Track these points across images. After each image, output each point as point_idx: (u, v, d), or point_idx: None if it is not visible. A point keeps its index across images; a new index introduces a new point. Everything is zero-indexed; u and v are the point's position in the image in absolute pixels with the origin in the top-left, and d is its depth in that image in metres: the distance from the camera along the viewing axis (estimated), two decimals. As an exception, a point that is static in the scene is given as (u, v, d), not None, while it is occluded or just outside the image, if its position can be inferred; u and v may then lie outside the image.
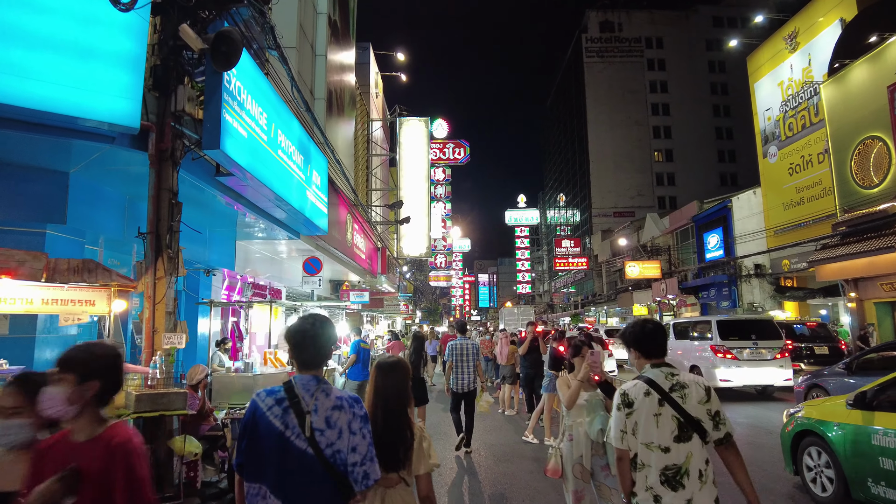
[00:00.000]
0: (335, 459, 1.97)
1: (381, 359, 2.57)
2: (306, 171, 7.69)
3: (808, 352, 13.70)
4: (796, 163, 22.34)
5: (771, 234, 23.86)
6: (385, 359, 2.55)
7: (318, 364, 2.12)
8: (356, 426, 2.02)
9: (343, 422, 2.01)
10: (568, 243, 50.78)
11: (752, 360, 11.70)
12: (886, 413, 4.55)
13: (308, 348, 2.09)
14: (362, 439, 2.02)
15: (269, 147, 6.19)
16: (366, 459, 2.01)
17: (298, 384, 2.04)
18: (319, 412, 2.00)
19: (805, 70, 21.96)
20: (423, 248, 19.89)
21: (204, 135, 4.86)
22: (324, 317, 2.20)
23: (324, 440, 1.97)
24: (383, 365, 2.49)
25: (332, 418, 2.00)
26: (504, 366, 10.71)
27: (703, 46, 57.45)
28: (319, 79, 11.88)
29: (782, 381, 11.54)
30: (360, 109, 19.61)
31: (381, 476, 2.17)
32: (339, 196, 10.89)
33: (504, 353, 10.70)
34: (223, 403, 6.11)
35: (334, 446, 1.98)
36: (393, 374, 2.45)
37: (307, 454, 1.95)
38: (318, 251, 9.97)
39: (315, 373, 2.10)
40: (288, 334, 2.16)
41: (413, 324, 30.08)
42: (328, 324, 2.17)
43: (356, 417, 2.04)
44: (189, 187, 5.82)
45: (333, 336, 2.21)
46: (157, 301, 4.39)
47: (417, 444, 2.37)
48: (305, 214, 7.58)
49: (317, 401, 2.01)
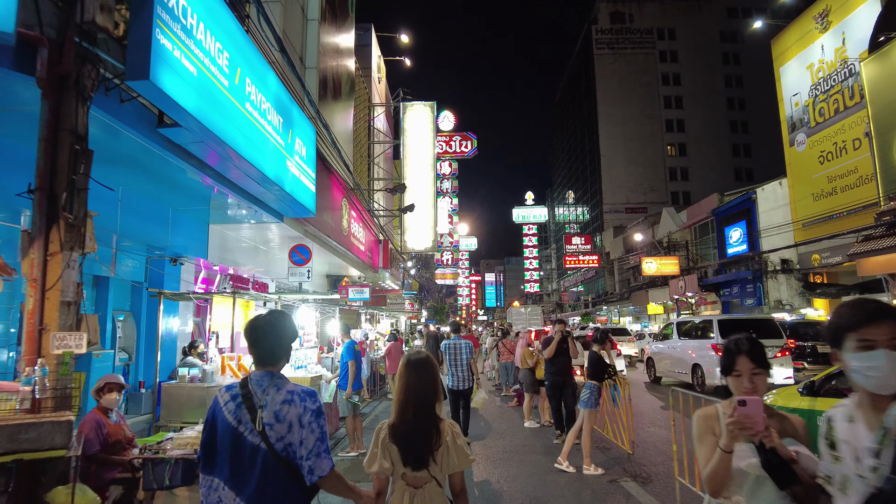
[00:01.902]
0: (287, 453, 1.99)
1: (410, 355, 2.48)
2: (286, 137, 6.38)
3: (811, 350, 13.63)
4: (828, 150, 20.85)
5: (798, 228, 22.39)
6: (414, 354, 2.48)
7: (274, 360, 2.13)
8: (306, 420, 2.01)
9: (293, 415, 2.01)
10: (578, 240, 49.29)
11: None
12: (828, 399, 5.38)
13: (263, 344, 2.11)
14: (311, 433, 2.01)
15: (232, 96, 4.88)
16: (312, 454, 1.99)
17: (253, 380, 2.08)
18: (269, 407, 2.01)
19: (838, 50, 20.45)
20: (429, 242, 18.54)
21: (128, 59, 3.56)
22: (281, 312, 2.22)
23: (273, 434, 1.98)
24: (413, 361, 2.42)
25: (281, 412, 2.00)
26: (521, 370, 9.34)
27: (716, 37, 55.83)
28: (311, 46, 10.58)
29: (782, 378, 11.49)
30: (360, 94, 18.32)
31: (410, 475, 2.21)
32: (333, 177, 9.58)
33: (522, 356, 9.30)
34: (174, 421, 4.80)
35: (285, 440, 1.99)
36: (423, 371, 2.39)
37: (260, 448, 1.97)
38: (307, 238, 8.66)
39: (271, 369, 2.12)
40: (245, 330, 2.17)
41: (418, 323, 28.78)
42: (285, 319, 2.18)
43: (307, 411, 2.02)
44: (129, 146, 4.54)
45: (290, 332, 2.17)
46: (49, 286, 3.08)
47: (451, 441, 2.29)
48: (285, 189, 6.28)
49: (268, 395, 2.03)
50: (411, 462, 2.20)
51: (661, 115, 55.11)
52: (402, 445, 2.23)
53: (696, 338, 14.00)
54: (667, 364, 15.48)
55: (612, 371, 6.34)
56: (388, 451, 2.25)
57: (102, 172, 5.45)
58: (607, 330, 6.66)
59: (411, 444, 2.22)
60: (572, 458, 6.51)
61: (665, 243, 32.04)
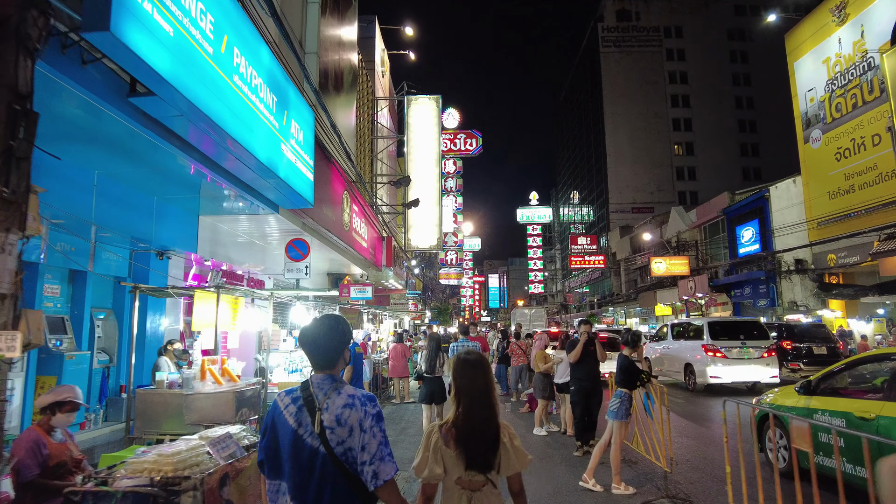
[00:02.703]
0: (346, 458, 1.98)
1: (462, 354, 2.42)
2: (281, 119, 5.82)
3: (807, 351, 14.26)
4: (845, 147, 20.21)
5: (813, 227, 21.75)
6: (467, 354, 2.41)
7: (331, 364, 2.14)
8: (368, 424, 2.00)
9: (354, 420, 2.00)
10: (584, 240, 48.59)
11: (740, 358, 12.64)
12: (824, 397, 5.55)
13: (318, 349, 2.13)
14: (372, 437, 1.98)
15: (217, 65, 4.32)
16: (375, 458, 1.96)
17: (314, 383, 2.09)
18: (331, 410, 2.01)
19: (857, 44, 19.80)
20: (434, 240, 17.96)
21: (85, 5, 3.00)
22: (335, 316, 2.23)
23: (335, 438, 1.97)
24: (470, 360, 2.37)
25: (342, 416, 1.99)
26: (536, 374, 8.71)
27: (724, 36, 55.12)
28: (311, 31, 10.02)
29: (769, 378, 12.40)
30: (363, 87, 17.77)
31: (467, 479, 2.16)
32: (333, 167, 9.02)
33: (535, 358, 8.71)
34: (150, 432, 4.23)
35: (345, 444, 1.98)
36: (479, 369, 2.33)
37: (319, 452, 1.97)
38: (305, 232, 8.09)
39: (330, 372, 2.13)
40: (300, 337, 2.20)
41: (422, 324, 28.20)
42: (339, 323, 2.18)
43: (368, 416, 2.02)
44: (105, 123, 4.00)
45: (345, 336, 2.18)
46: (-22, 274, 2.52)
47: (509, 442, 2.24)
48: (279, 175, 5.71)
49: (328, 399, 2.03)
50: (477, 465, 2.15)
51: (668, 113, 54.40)
52: (468, 447, 2.17)
53: (688, 339, 14.36)
54: (662, 364, 15.91)
55: (645, 377, 5.72)
56: (442, 456, 2.19)
57: (74, 152, 4.90)
58: (638, 332, 5.95)
59: (478, 446, 2.17)
60: (598, 475, 5.87)
61: (674, 243, 31.40)
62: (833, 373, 5.76)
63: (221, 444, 2.90)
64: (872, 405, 4.83)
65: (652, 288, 34.39)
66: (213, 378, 4.43)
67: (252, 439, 3.26)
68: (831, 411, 5.24)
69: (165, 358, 5.73)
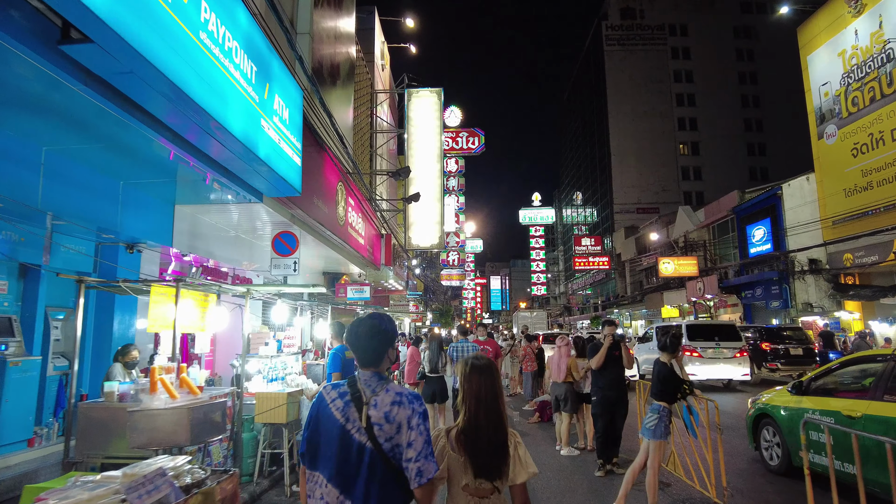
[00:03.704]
0: (393, 454, 1.98)
1: (471, 359, 2.36)
2: (261, 92, 5.13)
3: (784, 352, 15.35)
4: (862, 142, 19.47)
5: (828, 226, 20.99)
6: (475, 359, 2.36)
7: (376, 361, 2.13)
8: (415, 422, 2.00)
9: (402, 417, 2.00)
10: (588, 241, 47.83)
11: (715, 358, 13.72)
12: (815, 397, 5.81)
13: (362, 347, 2.13)
14: (419, 435, 1.98)
15: (177, 14, 3.62)
16: (420, 456, 1.96)
17: (361, 380, 2.09)
18: (379, 406, 2.01)
19: (875, 35, 19.07)
20: (435, 239, 17.22)
21: None
22: (380, 315, 2.23)
23: (382, 434, 1.98)
24: (479, 365, 2.31)
25: (391, 413, 2.00)
26: (557, 383, 7.65)
27: (730, 34, 54.36)
28: (304, 10, 9.33)
29: (740, 375, 13.82)
30: (362, 80, 17.08)
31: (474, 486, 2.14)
32: (326, 156, 8.31)
33: (562, 367, 7.55)
34: (95, 455, 3.52)
35: (393, 440, 1.99)
36: (489, 374, 2.29)
37: (366, 447, 1.97)
38: (294, 225, 7.38)
39: (375, 370, 2.12)
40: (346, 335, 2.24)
41: (422, 326, 27.46)
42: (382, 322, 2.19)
43: (415, 413, 2.02)
44: (43, 83, 3.32)
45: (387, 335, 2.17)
46: None
47: (514, 451, 2.21)
48: (259, 155, 5.02)
49: (376, 395, 2.04)
50: (485, 472, 2.14)
51: (673, 112, 53.60)
52: (476, 454, 2.16)
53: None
54: (647, 364, 16.13)
55: (688, 388, 4.88)
56: (448, 460, 2.18)
57: (13, 123, 4.19)
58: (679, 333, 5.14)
59: (487, 452, 2.16)
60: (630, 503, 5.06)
61: (681, 243, 30.64)
62: (823, 373, 6.07)
63: (146, 487, 2.16)
64: (859, 404, 5.07)
65: (658, 289, 33.63)
66: (167, 390, 3.65)
67: (200, 474, 2.53)
68: (822, 410, 5.47)
69: (119, 365, 4.98)
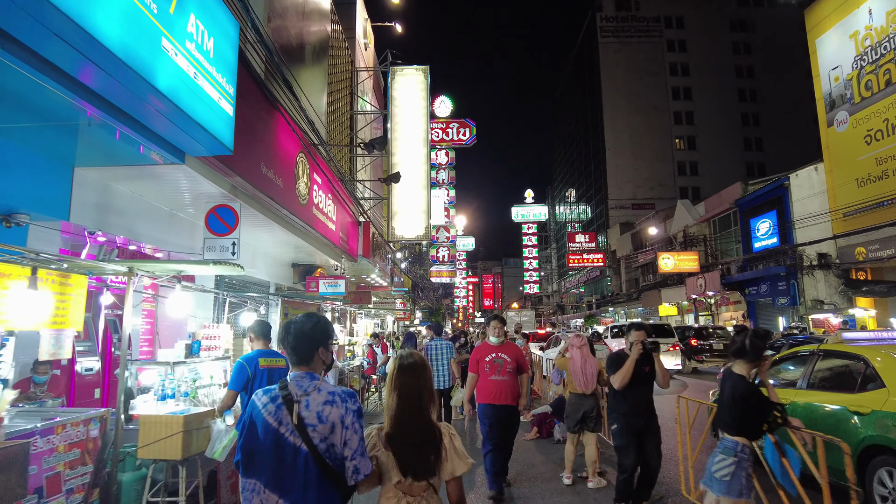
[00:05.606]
0: (330, 454, 1.97)
1: (399, 358, 2.33)
2: (166, 7, 3.69)
3: (708, 347, 18.18)
4: (877, 128, 18.30)
5: (838, 218, 19.83)
6: (407, 357, 2.32)
7: (306, 360, 2.10)
8: (349, 420, 1.99)
9: (335, 416, 1.98)
10: (582, 238, 46.64)
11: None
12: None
13: (293, 346, 2.10)
14: (354, 434, 1.99)
15: None
16: (356, 454, 1.98)
17: (292, 381, 2.06)
18: (311, 406, 1.99)
19: (891, 13, 17.93)
20: (421, 230, 15.85)
21: None
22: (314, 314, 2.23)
23: (317, 435, 1.96)
24: (407, 364, 2.28)
25: (323, 413, 1.98)
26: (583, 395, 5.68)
27: (726, 26, 53.32)
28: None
29: (672, 366, 15.74)
30: (339, 55, 15.63)
31: (406, 484, 2.09)
32: (280, 116, 6.87)
33: (589, 373, 5.66)
34: None
35: (328, 440, 1.97)
36: (412, 372, 2.24)
37: (300, 449, 1.95)
38: (236, 198, 5.94)
39: (307, 369, 2.09)
40: (279, 335, 2.24)
41: (410, 325, 26.03)
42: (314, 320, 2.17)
43: (349, 412, 2.01)
44: None
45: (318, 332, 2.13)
46: None
47: (448, 444, 2.16)
48: (158, 87, 3.61)
49: (308, 395, 2.01)
50: (413, 471, 2.08)
51: (668, 106, 52.47)
52: (402, 454, 2.10)
53: (618, 337, 16.63)
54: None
55: (780, 416, 3.12)
56: (377, 456, 2.12)
57: None
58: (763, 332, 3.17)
59: (414, 451, 2.11)
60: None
61: (680, 238, 29.43)
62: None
63: None
64: (792, 393, 5.58)
65: (656, 286, 32.47)
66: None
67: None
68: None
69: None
